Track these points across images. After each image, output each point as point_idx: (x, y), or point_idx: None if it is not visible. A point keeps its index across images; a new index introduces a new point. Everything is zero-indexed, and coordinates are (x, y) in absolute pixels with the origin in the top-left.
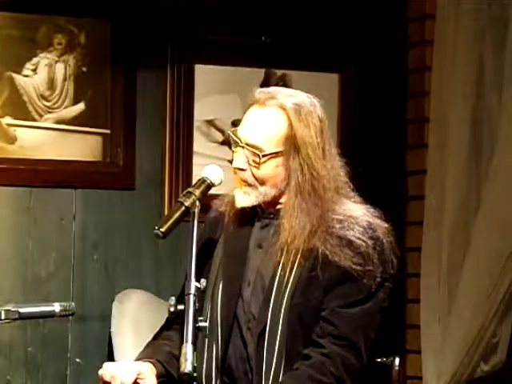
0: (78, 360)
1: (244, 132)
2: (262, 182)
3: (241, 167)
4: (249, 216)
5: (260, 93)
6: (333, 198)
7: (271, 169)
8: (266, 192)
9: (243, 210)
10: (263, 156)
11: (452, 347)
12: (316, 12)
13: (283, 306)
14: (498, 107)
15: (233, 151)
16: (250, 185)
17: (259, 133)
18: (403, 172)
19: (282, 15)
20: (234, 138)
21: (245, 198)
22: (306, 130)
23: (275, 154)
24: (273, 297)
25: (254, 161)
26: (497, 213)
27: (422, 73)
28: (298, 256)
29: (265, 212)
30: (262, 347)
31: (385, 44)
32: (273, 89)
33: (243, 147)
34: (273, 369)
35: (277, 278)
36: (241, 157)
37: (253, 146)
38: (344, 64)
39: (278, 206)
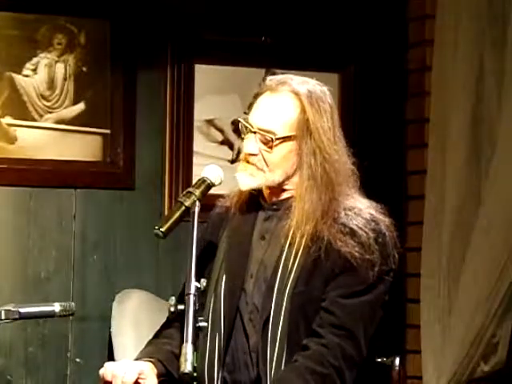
0: (78, 360)
1: (256, 117)
2: (272, 168)
3: (252, 152)
4: (252, 209)
5: (271, 80)
6: (343, 183)
7: (283, 153)
8: (274, 178)
9: (247, 202)
10: (276, 139)
11: (452, 347)
12: (316, 12)
13: (286, 295)
14: (498, 107)
15: (242, 138)
16: (258, 168)
17: (272, 117)
18: (403, 172)
19: (282, 15)
20: (246, 124)
21: (250, 180)
22: (318, 115)
23: (288, 138)
24: (277, 283)
25: (266, 145)
26: (497, 213)
27: (422, 73)
28: (305, 239)
29: (268, 203)
30: (266, 336)
31: (385, 44)
32: (284, 76)
33: (255, 132)
34: (275, 357)
35: (280, 266)
36: (252, 142)
37: (266, 131)
38: (344, 64)
39: (282, 197)
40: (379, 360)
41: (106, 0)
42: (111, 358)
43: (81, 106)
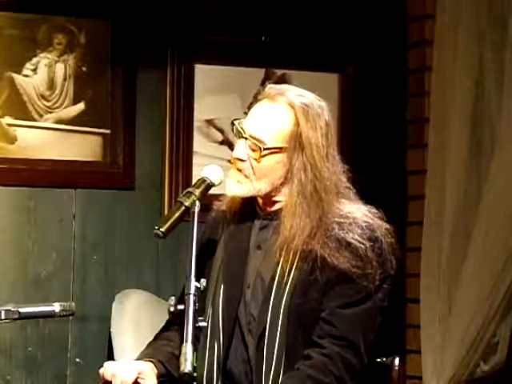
0: (78, 360)
1: (249, 124)
2: (259, 177)
3: (241, 158)
4: (248, 216)
5: (271, 88)
6: (333, 201)
7: (271, 164)
8: (261, 188)
9: (243, 209)
10: (265, 149)
11: (452, 347)
12: (316, 12)
13: (282, 307)
14: (498, 107)
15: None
16: (245, 176)
17: (264, 126)
18: (403, 172)
19: (282, 15)
20: (239, 128)
21: (237, 187)
22: (312, 131)
23: (278, 150)
24: (272, 297)
25: (254, 153)
26: (497, 213)
27: (422, 73)
28: (297, 257)
29: (263, 212)
30: (262, 348)
31: (385, 44)
32: (284, 86)
33: (246, 138)
34: (272, 369)
35: (276, 278)
36: (242, 147)
37: (256, 139)
38: (344, 64)
39: (276, 207)
40: (379, 360)
41: (106, 0)
42: (111, 357)
43: (81, 106)
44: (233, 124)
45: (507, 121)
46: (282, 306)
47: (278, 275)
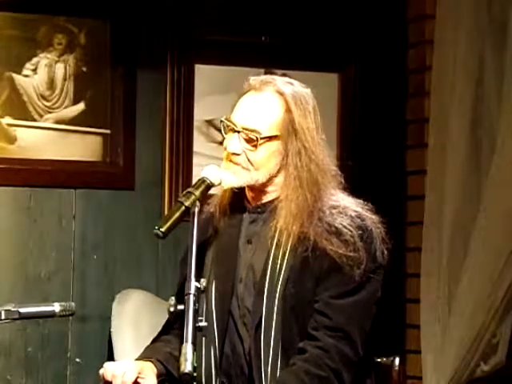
0: (77, 360)
1: (240, 116)
2: (257, 167)
3: (236, 152)
4: (237, 212)
5: (254, 80)
6: (327, 184)
7: (268, 153)
8: (258, 178)
9: (231, 206)
10: (261, 139)
11: (452, 347)
12: (316, 12)
13: (276, 297)
14: (498, 107)
15: (224, 137)
16: (243, 168)
17: (257, 116)
18: (403, 172)
19: (282, 15)
20: (228, 123)
21: (233, 178)
22: (303, 116)
23: (273, 138)
24: (266, 286)
25: (250, 144)
26: (497, 212)
27: (422, 73)
28: (292, 239)
29: (252, 206)
30: (258, 339)
31: (385, 44)
32: (267, 76)
33: (239, 131)
34: (270, 360)
35: (269, 266)
36: (235, 141)
37: (250, 130)
38: (344, 64)
39: (265, 200)
40: (379, 360)
41: (106, 0)
42: (111, 357)
43: (81, 106)
44: (221, 122)
45: (507, 121)
46: (277, 297)
47: (270, 266)
